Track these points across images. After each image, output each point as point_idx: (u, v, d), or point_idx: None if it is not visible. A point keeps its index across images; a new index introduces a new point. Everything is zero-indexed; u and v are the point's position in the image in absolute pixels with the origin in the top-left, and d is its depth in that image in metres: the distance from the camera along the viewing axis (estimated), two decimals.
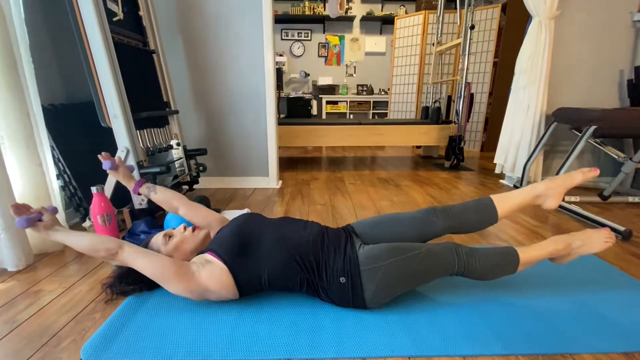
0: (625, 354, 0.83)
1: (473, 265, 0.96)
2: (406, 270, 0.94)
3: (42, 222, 0.91)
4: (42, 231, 0.90)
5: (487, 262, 0.97)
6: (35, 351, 0.84)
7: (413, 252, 0.95)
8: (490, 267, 0.98)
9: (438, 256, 0.96)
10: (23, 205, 0.92)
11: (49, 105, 1.62)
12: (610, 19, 2.29)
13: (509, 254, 0.99)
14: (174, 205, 1.21)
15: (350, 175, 2.87)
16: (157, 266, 0.90)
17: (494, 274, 0.99)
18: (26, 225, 0.87)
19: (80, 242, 0.90)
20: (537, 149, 2.28)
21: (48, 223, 0.92)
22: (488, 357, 0.82)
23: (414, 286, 1.00)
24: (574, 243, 1.02)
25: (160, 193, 1.23)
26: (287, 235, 1.00)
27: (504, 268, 0.99)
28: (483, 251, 0.99)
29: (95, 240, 0.90)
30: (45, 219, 0.91)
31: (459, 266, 0.96)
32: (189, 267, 0.93)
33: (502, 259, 0.99)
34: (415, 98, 4.25)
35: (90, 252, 0.90)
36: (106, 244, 0.89)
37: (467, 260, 0.96)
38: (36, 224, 0.90)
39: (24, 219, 0.87)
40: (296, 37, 5.55)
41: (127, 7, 1.71)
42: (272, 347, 0.84)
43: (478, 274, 0.98)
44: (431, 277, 0.98)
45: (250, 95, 2.34)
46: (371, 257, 0.94)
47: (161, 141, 1.88)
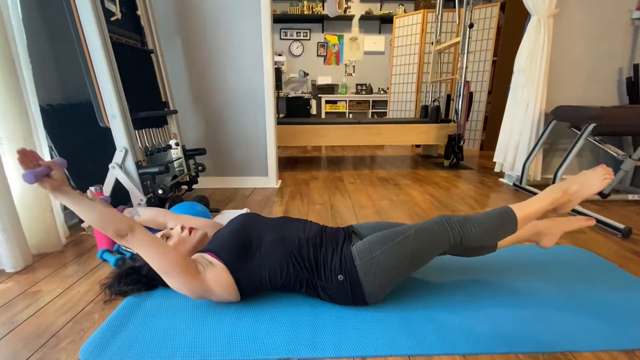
0: (626, 351, 0.82)
1: (469, 233, 0.94)
2: (401, 256, 0.92)
3: (50, 179, 0.79)
4: (50, 190, 0.79)
5: (484, 227, 0.95)
6: (33, 352, 0.84)
7: (403, 235, 0.94)
8: (488, 230, 0.95)
9: (430, 232, 0.94)
10: (31, 152, 0.78)
11: (47, 105, 1.62)
12: (609, 17, 2.29)
13: (505, 213, 0.97)
14: (161, 222, 1.18)
15: (349, 175, 2.87)
16: (167, 260, 0.86)
17: (493, 236, 0.96)
18: (34, 180, 0.75)
19: (89, 214, 0.81)
20: (536, 147, 2.28)
21: (57, 181, 0.79)
22: (488, 355, 0.82)
23: (414, 269, 0.97)
24: (572, 187, 0.99)
25: (144, 214, 1.19)
26: (286, 235, 1.00)
27: (503, 228, 0.96)
28: (477, 217, 0.97)
29: (105, 217, 0.81)
30: (54, 176, 0.79)
31: (454, 237, 0.94)
32: (196, 266, 0.91)
33: (498, 220, 0.96)
34: (415, 97, 4.25)
35: (97, 226, 0.82)
36: (116, 224, 0.82)
37: (462, 229, 0.94)
38: (44, 179, 0.78)
39: (32, 174, 0.75)
40: (295, 37, 5.54)
41: (125, 7, 1.71)
42: (272, 346, 0.84)
43: (477, 240, 0.95)
44: (429, 255, 0.96)
45: (249, 95, 2.34)
46: (364, 251, 0.93)
47: (160, 141, 1.88)
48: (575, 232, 1.57)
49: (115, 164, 1.51)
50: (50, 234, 1.40)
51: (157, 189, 1.58)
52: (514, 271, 1.21)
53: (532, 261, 1.28)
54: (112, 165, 1.52)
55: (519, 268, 1.23)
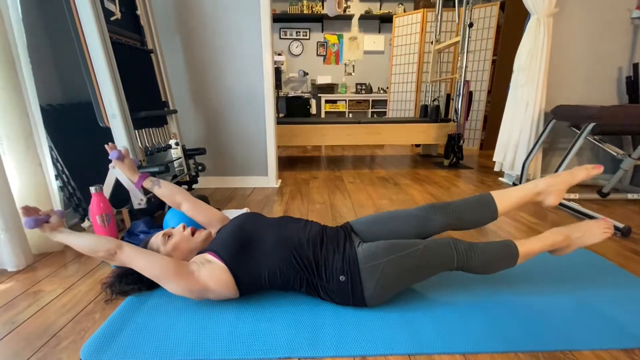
0: (626, 350, 0.83)
1: (472, 260, 0.96)
2: (405, 267, 0.93)
3: (48, 224, 0.93)
4: (47, 231, 0.93)
5: (487, 256, 0.97)
6: (34, 352, 0.84)
7: (412, 248, 0.95)
8: (489, 261, 0.97)
9: (437, 252, 0.96)
10: (33, 208, 0.94)
11: (47, 105, 1.61)
12: (608, 16, 2.29)
13: (508, 247, 0.99)
14: (177, 200, 1.22)
15: (349, 174, 2.87)
16: (156, 266, 0.90)
17: (493, 267, 0.99)
18: (34, 225, 0.90)
19: (80, 243, 0.91)
20: (536, 146, 2.28)
21: (54, 225, 0.94)
22: (488, 354, 0.82)
23: (413, 282, 1.00)
24: (573, 234, 1.02)
25: (164, 187, 1.25)
26: (286, 234, 1.00)
27: (503, 261, 0.99)
28: (482, 245, 0.99)
29: (94, 241, 0.90)
30: (52, 221, 0.94)
31: (459, 261, 0.96)
32: (188, 267, 0.93)
33: (501, 253, 0.98)
34: (414, 96, 4.25)
35: (90, 252, 0.90)
36: (105, 245, 0.90)
37: (466, 254, 0.96)
38: (43, 225, 0.93)
39: (32, 220, 0.90)
40: (294, 36, 5.54)
41: (124, 7, 1.70)
42: (272, 345, 0.84)
43: (478, 268, 0.97)
44: (431, 273, 0.97)
45: (249, 95, 2.34)
46: (370, 255, 0.94)
47: (160, 141, 1.88)
48: None
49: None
50: None
51: None
52: (513, 270, 1.20)
53: (531, 261, 1.28)
54: (112, 165, 1.52)
55: (519, 267, 1.22)
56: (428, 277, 0.99)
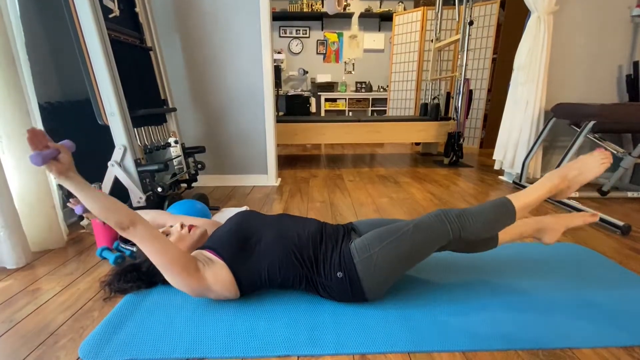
0: (625, 348, 0.83)
1: (468, 226, 0.93)
2: (400, 252, 0.92)
3: (57, 162, 0.77)
4: (56, 174, 0.78)
5: (482, 218, 0.94)
6: (32, 350, 0.84)
7: (401, 231, 0.93)
8: (486, 223, 0.95)
9: (428, 227, 0.94)
10: (40, 132, 0.76)
11: (46, 103, 1.61)
12: (608, 14, 2.28)
13: (502, 205, 0.96)
14: (160, 223, 1.19)
15: (349, 173, 2.87)
16: (167, 255, 0.85)
17: (493, 228, 0.96)
18: (41, 162, 0.73)
19: (93, 203, 0.80)
20: (536, 144, 2.28)
21: (64, 165, 0.78)
22: (488, 352, 0.82)
23: (413, 264, 0.97)
24: (570, 173, 0.99)
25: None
26: (285, 232, 1.00)
27: (501, 219, 0.96)
28: (474, 210, 0.96)
29: (109, 206, 0.81)
30: (62, 159, 0.78)
31: (453, 230, 0.93)
32: (196, 264, 0.90)
33: (496, 211, 0.96)
34: (414, 95, 4.24)
35: (99, 215, 0.81)
36: (117, 216, 0.81)
37: (460, 222, 0.93)
38: (51, 162, 0.76)
39: (40, 155, 0.73)
40: (294, 35, 5.52)
41: (123, 4, 1.70)
42: (271, 343, 0.84)
43: (476, 232, 0.94)
44: (428, 250, 0.95)
45: (248, 93, 2.33)
46: (362, 248, 0.93)
47: (159, 139, 1.87)
48: (575, 229, 1.58)
49: (114, 162, 1.51)
50: (54, 230, 1.40)
51: (156, 187, 1.58)
52: (513, 268, 1.21)
53: (531, 258, 1.28)
54: (111, 163, 1.52)
55: (519, 265, 1.23)
56: (426, 256, 0.97)
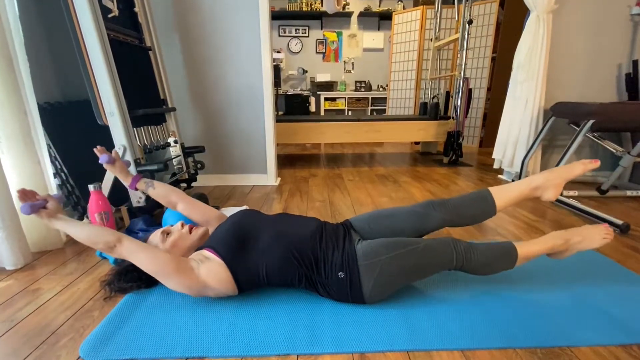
0: (623, 346, 0.83)
1: (472, 260, 0.96)
2: (404, 265, 0.94)
3: (45, 210, 0.90)
4: (45, 218, 0.89)
5: (486, 257, 0.97)
6: (33, 349, 0.84)
7: (411, 247, 0.95)
8: (488, 262, 0.98)
9: (436, 251, 0.96)
10: (30, 191, 0.91)
11: (45, 103, 1.61)
12: (608, 12, 2.28)
13: (507, 249, 0.99)
14: (173, 201, 1.21)
15: (348, 172, 2.87)
16: (156, 261, 0.89)
17: (492, 268, 1.00)
18: (30, 211, 0.86)
19: (80, 233, 0.89)
20: (535, 143, 2.28)
21: (52, 211, 0.91)
22: (486, 350, 0.82)
23: (412, 281, 1.00)
24: (573, 239, 1.02)
25: (159, 188, 1.23)
26: (284, 230, 1.00)
27: (502, 263, 0.99)
28: (481, 246, 0.99)
29: (94, 232, 0.88)
30: (49, 206, 0.91)
31: (458, 260, 0.96)
32: (188, 263, 0.92)
33: (500, 254, 0.99)
34: (414, 94, 4.24)
35: (89, 243, 0.88)
36: (105, 237, 0.88)
37: (466, 254, 0.96)
38: (40, 211, 0.89)
39: (29, 205, 0.87)
40: (294, 34, 5.52)
41: (122, 4, 1.70)
42: (271, 342, 0.84)
43: (477, 268, 0.98)
44: (430, 272, 0.98)
45: (247, 93, 2.33)
46: (369, 253, 0.94)
47: (158, 139, 1.87)
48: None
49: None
50: (51, 231, 1.40)
51: None
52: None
53: None
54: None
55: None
56: (427, 276, 0.99)
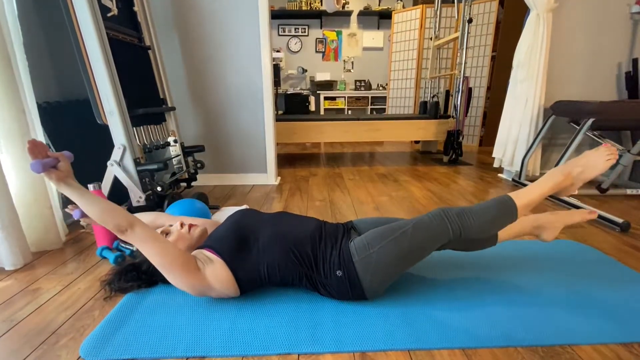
0: (624, 344, 0.83)
1: (468, 225, 0.92)
2: (399, 251, 0.92)
3: (56, 170, 0.82)
4: (55, 181, 0.82)
5: (483, 218, 0.93)
6: (33, 349, 0.84)
7: (400, 230, 0.93)
8: (488, 222, 0.93)
9: (428, 227, 0.93)
10: (41, 143, 0.82)
11: (44, 102, 1.61)
12: (608, 11, 2.28)
13: (504, 203, 0.95)
14: (159, 225, 1.19)
15: (348, 171, 2.87)
16: (166, 256, 0.86)
17: (493, 226, 0.95)
18: (41, 170, 0.78)
19: (91, 206, 0.82)
20: (535, 142, 2.28)
21: (63, 173, 0.83)
22: (487, 349, 0.82)
23: (412, 264, 0.96)
24: (574, 170, 0.97)
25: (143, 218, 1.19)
26: (284, 230, 1.00)
27: (502, 218, 0.95)
28: (475, 208, 0.95)
29: (106, 211, 0.82)
30: (61, 167, 0.83)
31: (454, 230, 0.92)
32: (195, 263, 0.91)
33: (497, 210, 0.94)
34: (414, 93, 4.24)
35: (97, 219, 0.83)
36: (116, 219, 0.82)
37: (460, 222, 0.92)
38: (50, 170, 0.81)
39: (40, 163, 0.78)
40: (293, 33, 5.52)
41: (121, 3, 1.69)
42: (272, 342, 0.84)
43: (477, 232, 0.93)
44: (428, 250, 0.95)
45: (247, 92, 2.33)
46: (361, 247, 0.93)
47: (158, 138, 1.87)
48: (574, 227, 1.58)
49: (114, 162, 1.51)
50: (50, 231, 1.39)
51: (155, 186, 1.58)
52: (513, 266, 1.21)
53: (530, 256, 1.29)
54: (110, 163, 1.52)
55: (518, 262, 1.23)
56: (426, 255, 0.96)
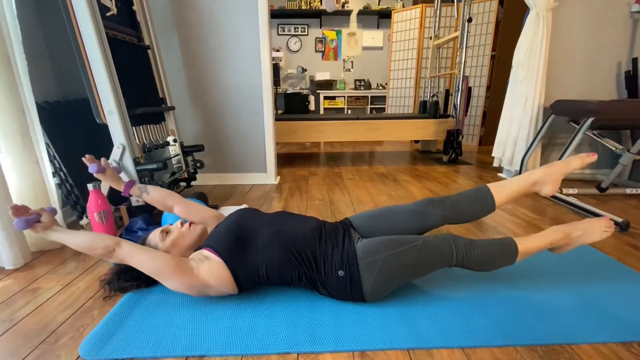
0: (623, 343, 0.83)
1: (471, 256, 0.96)
2: (404, 263, 0.93)
3: (40, 223, 0.90)
4: (40, 231, 0.90)
5: (486, 253, 0.97)
6: (33, 349, 0.84)
7: (410, 244, 0.95)
8: (488, 258, 0.97)
9: (436, 248, 0.96)
10: (22, 206, 0.91)
11: (44, 102, 1.60)
12: (608, 10, 2.28)
13: (508, 245, 0.99)
14: (169, 204, 1.20)
15: (348, 171, 2.87)
16: (156, 263, 0.90)
17: (492, 264, 0.99)
18: (25, 226, 0.87)
19: (77, 241, 0.89)
20: (535, 141, 2.28)
21: (47, 224, 0.91)
22: (487, 348, 0.82)
23: (412, 278, 1.00)
24: (574, 232, 1.01)
25: (153, 193, 1.22)
26: (284, 229, 1.00)
27: (502, 258, 0.99)
28: (481, 242, 0.99)
29: (92, 239, 0.89)
30: (43, 220, 0.91)
31: (458, 257, 0.96)
32: (187, 263, 0.92)
33: (500, 250, 0.99)
34: (413, 92, 4.24)
35: (87, 250, 0.89)
36: (103, 242, 0.89)
37: (466, 251, 0.96)
38: (34, 225, 0.90)
39: (23, 220, 0.87)
40: (293, 32, 5.51)
41: (120, 2, 1.69)
42: (271, 341, 0.84)
43: (477, 264, 0.97)
44: (430, 269, 0.98)
45: (247, 91, 2.32)
46: (369, 251, 0.94)
47: (157, 138, 1.87)
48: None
49: (113, 161, 1.50)
50: None
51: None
52: (512, 265, 1.21)
53: None
54: (110, 162, 1.52)
55: (517, 262, 1.23)
56: (427, 273, 0.99)
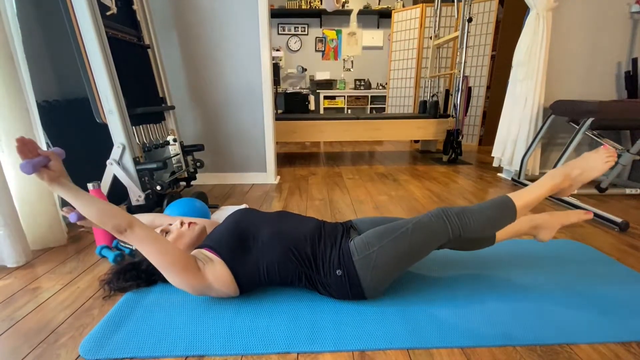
0: (623, 343, 0.83)
1: (468, 225, 0.93)
2: (399, 251, 0.92)
3: (48, 170, 0.78)
4: (47, 181, 0.78)
5: (482, 218, 0.94)
6: (33, 348, 0.84)
7: (400, 230, 0.93)
8: (487, 222, 0.94)
9: (427, 227, 0.94)
10: (30, 141, 0.77)
11: (44, 102, 1.60)
12: (608, 10, 2.28)
13: (503, 203, 0.95)
14: (158, 225, 1.18)
15: (348, 170, 2.87)
16: (166, 258, 0.85)
17: (492, 227, 0.95)
18: (32, 170, 0.74)
19: (88, 209, 0.80)
20: (534, 142, 2.29)
21: (55, 173, 0.78)
22: (486, 348, 0.82)
23: (412, 263, 0.97)
24: (573, 172, 0.97)
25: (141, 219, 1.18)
26: (283, 229, 1.00)
27: (502, 218, 0.95)
28: (473, 209, 0.95)
29: (104, 212, 0.80)
30: (52, 167, 0.78)
31: (453, 230, 0.93)
32: (196, 263, 0.91)
33: (497, 210, 0.95)
34: (413, 92, 4.24)
35: (96, 221, 0.81)
36: (115, 220, 0.81)
37: (460, 222, 0.93)
38: (42, 170, 0.77)
39: (30, 164, 0.74)
40: (293, 32, 5.51)
41: (120, 2, 1.69)
42: (271, 341, 0.84)
43: (476, 232, 0.94)
44: (427, 250, 0.95)
45: (247, 91, 2.32)
46: (361, 246, 0.93)
47: (157, 137, 1.87)
48: (573, 226, 1.58)
49: (113, 161, 1.51)
50: (55, 228, 1.40)
51: (155, 186, 1.58)
52: (511, 265, 1.21)
53: (529, 255, 1.29)
54: (109, 162, 1.52)
55: (517, 262, 1.23)
56: (425, 255, 0.96)
